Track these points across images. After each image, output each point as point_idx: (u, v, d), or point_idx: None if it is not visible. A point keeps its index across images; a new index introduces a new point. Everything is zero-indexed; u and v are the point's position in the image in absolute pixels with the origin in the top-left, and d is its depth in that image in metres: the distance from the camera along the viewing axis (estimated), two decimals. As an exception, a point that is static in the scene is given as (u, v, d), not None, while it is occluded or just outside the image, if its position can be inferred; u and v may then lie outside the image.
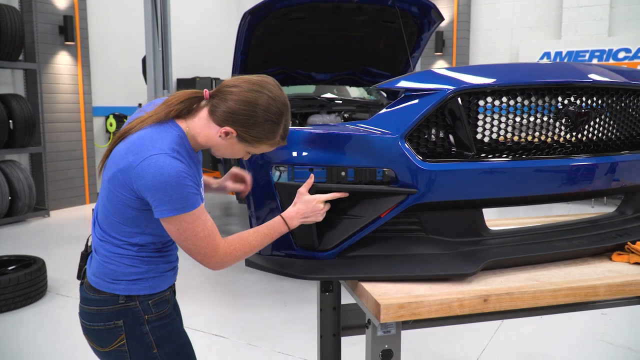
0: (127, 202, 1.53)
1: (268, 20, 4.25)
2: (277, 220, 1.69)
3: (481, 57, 10.24)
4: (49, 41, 7.51)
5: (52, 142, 7.60)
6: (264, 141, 1.59)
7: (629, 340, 3.60)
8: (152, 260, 1.64)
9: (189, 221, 1.51)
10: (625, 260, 1.90)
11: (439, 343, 3.54)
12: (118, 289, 1.60)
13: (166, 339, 1.65)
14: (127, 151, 1.51)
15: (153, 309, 1.63)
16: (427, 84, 1.76)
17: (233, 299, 4.45)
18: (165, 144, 1.50)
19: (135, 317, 1.61)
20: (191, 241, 1.53)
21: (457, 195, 1.78)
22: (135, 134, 1.53)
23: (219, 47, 10.53)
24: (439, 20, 4.50)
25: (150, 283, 1.63)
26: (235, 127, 1.54)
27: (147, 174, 1.45)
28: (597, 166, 1.91)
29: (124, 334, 1.60)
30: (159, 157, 1.47)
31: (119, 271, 1.60)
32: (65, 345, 3.53)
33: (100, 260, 1.62)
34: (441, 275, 1.69)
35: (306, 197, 1.70)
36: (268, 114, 1.54)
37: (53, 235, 6.56)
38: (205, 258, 1.57)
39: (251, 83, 1.56)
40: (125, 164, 1.50)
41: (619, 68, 2.12)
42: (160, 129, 1.54)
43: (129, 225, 1.58)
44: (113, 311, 1.60)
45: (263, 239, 1.66)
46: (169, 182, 1.45)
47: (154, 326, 1.63)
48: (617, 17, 8.94)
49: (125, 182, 1.51)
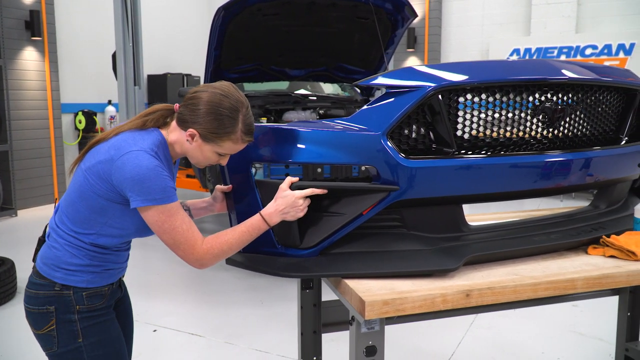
0: (100, 192, 1.61)
1: (242, 16, 4.21)
2: (256, 218, 1.71)
3: (452, 53, 10.34)
4: (15, 36, 7.32)
5: (19, 139, 7.42)
6: (225, 137, 1.65)
7: (599, 331, 3.69)
8: (96, 257, 1.70)
9: (167, 214, 1.59)
10: (601, 254, 1.94)
11: (416, 336, 3.58)
12: (56, 277, 1.67)
13: (93, 331, 1.70)
14: (109, 147, 1.61)
15: (86, 301, 1.69)
16: (408, 81, 1.77)
17: (207, 297, 4.41)
18: (146, 144, 1.61)
19: (66, 305, 1.67)
20: (169, 234, 1.61)
21: (439, 191, 1.80)
22: (116, 136, 1.65)
23: (190, 43, 10.42)
24: (413, 17, 4.52)
25: (88, 277, 1.69)
26: (196, 128, 1.64)
27: (127, 167, 1.55)
28: (575, 162, 1.95)
29: (54, 320, 1.67)
30: (139, 152, 1.57)
31: (62, 258, 1.67)
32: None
33: (50, 244, 1.70)
34: (424, 271, 1.70)
35: (285, 192, 1.71)
36: (222, 109, 1.62)
37: (21, 235, 6.42)
38: (184, 254, 1.64)
39: (206, 86, 1.68)
40: (107, 157, 1.60)
41: (589, 64, 2.17)
42: (142, 132, 1.67)
43: (93, 214, 1.64)
44: (47, 296, 1.67)
45: (242, 237, 1.69)
46: (147, 174, 1.55)
47: (83, 316, 1.68)
48: (584, 15, 9.13)
49: (103, 173, 1.59)
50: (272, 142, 1.80)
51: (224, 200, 1.98)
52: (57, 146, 8.04)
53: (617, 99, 2.12)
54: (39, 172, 7.78)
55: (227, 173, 1.88)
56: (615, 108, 2.14)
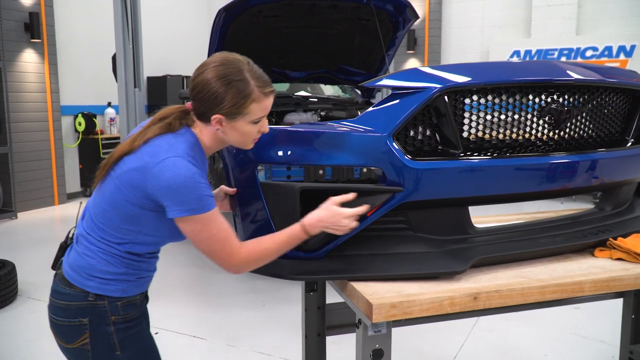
0: (132, 199, 1.54)
1: (243, 17, 4.21)
2: (297, 228, 1.65)
3: (452, 55, 10.34)
4: (14, 38, 7.31)
5: (18, 142, 7.40)
6: (247, 102, 1.56)
7: (601, 334, 3.68)
8: (131, 265, 1.63)
9: (203, 223, 1.52)
10: (608, 256, 1.93)
11: (418, 339, 3.56)
12: (90, 286, 1.59)
13: (130, 342, 1.64)
14: (142, 153, 1.54)
15: (121, 311, 1.62)
16: (414, 83, 1.76)
17: (209, 299, 4.40)
18: (180, 148, 1.54)
19: (101, 316, 1.60)
20: (205, 243, 1.55)
21: (445, 193, 1.79)
22: (147, 143, 1.55)
23: (190, 45, 10.41)
24: (414, 19, 4.51)
25: (123, 286, 1.62)
26: (217, 112, 1.56)
27: (164, 175, 1.48)
28: (581, 164, 1.94)
29: (88, 332, 1.59)
30: (176, 159, 1.50)
31: (96, 267, 1.59)
32: (37, 349, 3.44)
33: (81, 252, 1.62)
34: (431, 274, 1.69)
35: (333, 208, 1.65)
36: (226, 78, 1.54)
37: (21, 237, 6.40)
38: (221, 261, 1.59)
39: (199, 69, 1.59)
40: (141, 164, 1.52)
41: (594, 66, 2.16)
42: (174, 135, 1.58)
43: (126, 223, 1.57)
44: (80, 308, 1.59)
45: (281, 246, 1.64)
46: (184, 183, 1.47)
47: (119, 328, 1.62)
48: (584, 16, 9.13)
49: (137, 181, 1.52)
50: (278, 144, 1.78)
51: (225, 199, 1.96)
52: (57, 148, 8.02)
53: (623, 100, 2.12)
54: (39, 175, 7.76)
55: (232, 175, 1.87)
56: (621, 110, 2.13)
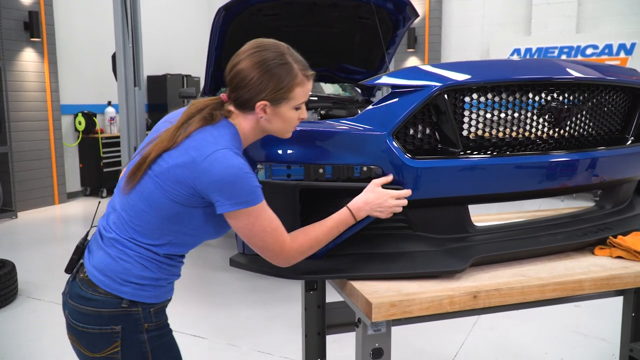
0: (177, 198, 1.47)
1: (242, 16, 4.20)
2: (345, 212, 1.64)
3: (453, 54, 10.33)
4: (14, 37, 7.31)
5: (18, 141, 7.40)
6: (293, 86, 1.54)
7: (602, 332, 3.68)
8: (166, 269, 1.57)
9: (256, 215, 1.47)
10: (608, 254, 1.93)
11: (419, 338, 3.56)
12: (124, 292, 1.50)
13: (161, 350, 1.57)
14: (187, 148, 1.46)
15: (153, 318, 1.55)
16: (414, 81, 1.75)
17: (210, 298, 4.40)
18: (226, 140, 1.48)
19: (135, 324, 1.51)
20: (259, 237, 1.50)
21: (445, 192, 1.78)
22: (190, 137, 1.48)
23: (190, 43, 10.41)
24: (414, 17, 4.51)
25: (157, 292, 1.56)
26: (262, 98, 1.52)
27: (215, 169, 1.42)
28: (581, 162, 1.94)
29: (119, 341, 1.50)
30: (225, 151, 1.44)
31: (132, 271, 1.51)
32: (37, 349, 3.43)
33: (114, 255, 1.51)
34: (430, 273, 1.68)
35: (379, 189, 1.65)
36: (271, 63, 1.51)
37: (22, 237, 6.40)
38: (273, 254, 1.54)
39: (237, 58, 1.55)
40: (187, 159, 1.45)
41: (593, 64, 2.16)
42: (217, 127, 1.52)
43: (166, 223, 1.50)
44: (113, 315, 1.50)
45: (330, 232, 1.62)
46: (236, 176, 1.42)
47: (152, 335, 1.54)
48: (585, 14, 9.11)
49: (183, 177, 1.45)
50: (277, 143, 1.78)
51: None
52: (57, 147, 8.02)
53: (623, 98, 2.11)
54: (39, 174, 7.75)
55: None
56: (621, 108, 2.13)
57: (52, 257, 5.50)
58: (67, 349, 1.64)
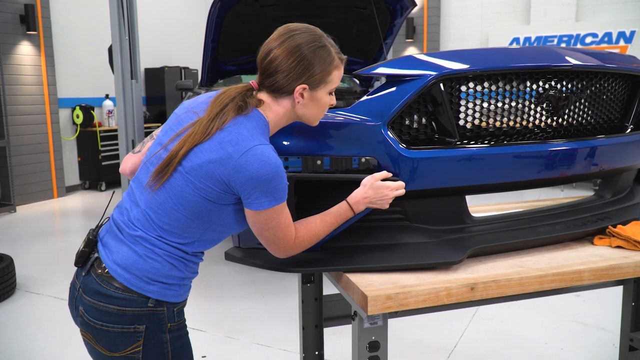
0: (209, 195, 1.42)
1: (238, 7, 4.17)
2: (344, 206, 1.64)
3: (451, 43, 10.28)
4: (10, 31, 7.26)
5: (16, 135, 7.37)
6: (331, 68, 1.52)
7: (602, 321, 3.67)
8: (191, 268, 1.55)
9: (279, 212, 1.46)
10: (607, 244, 1.91)
11: (418, 329, 3.55)
12: (151, 291, 1.45)
13: (182, 351, 1.54)
14: (222, 142, 1.41)
15: (176, 317, 1.51)
16: (409, 70, 1.73)
17: (208, 291, 4.38)
18: (260, 133, 1.45)
19: (159, 323, 1.47)
20: (272, 231, 1.48)
21: (441, 182, 1.76)
22: (223, 130, 1.43)
23: (187, 35, 10.35)
24: (412, 6, 4.48)
25: (182, 291, 1.53)
26: (302, 82, 1.49)
27: (253, 166, 1.38)
28: (580, 151, 1.91)
29: (142, 341, 1.45)
30: (262, 147, 1.41)
31: (160, 270, 1.46)
32: (35, 343, 3.42)
33: (142, 253, 1.45)
34: (427, 264, 1.66)
35: (377, 183, 1.64)
36: (310, 46, 1.49)
37: (20, 231, 6.38)
38: (277, 248, 1.53)
39: (278, 39, 1.51)
40: (223, 155, 1.40)
41: (592, 51, 2.13)
42: (249, 119, 1.47)
43: (195, 221, 1.46)
44: (138, 314, 1.44)
45: (330, 227, 1.62)
46: (275, 173, 1.40)
47: (173, 336, 1.50)
48: (584, 2, 9.05)
49: (217, 173, 1.40)
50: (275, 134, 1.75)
51: None
52: (55, 141, 7.99)
53: (622, 86, 2.08)
54: (38, 168, 7.73)
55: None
56: (621, 95, 2.10)
57: (51, 251, 5.49)
58: (66, 343, 1.60)
